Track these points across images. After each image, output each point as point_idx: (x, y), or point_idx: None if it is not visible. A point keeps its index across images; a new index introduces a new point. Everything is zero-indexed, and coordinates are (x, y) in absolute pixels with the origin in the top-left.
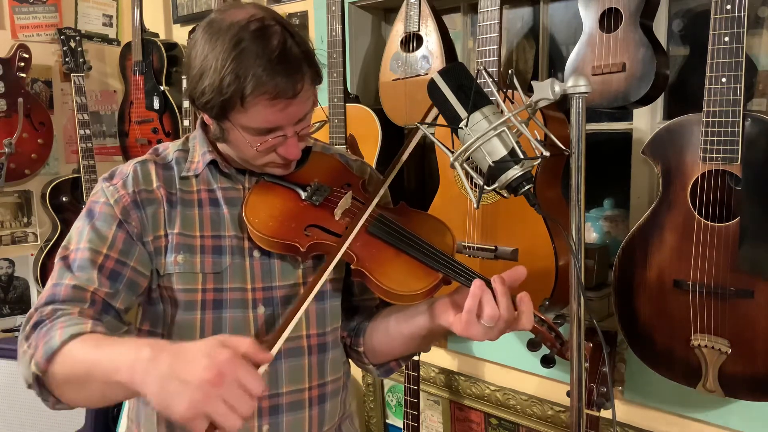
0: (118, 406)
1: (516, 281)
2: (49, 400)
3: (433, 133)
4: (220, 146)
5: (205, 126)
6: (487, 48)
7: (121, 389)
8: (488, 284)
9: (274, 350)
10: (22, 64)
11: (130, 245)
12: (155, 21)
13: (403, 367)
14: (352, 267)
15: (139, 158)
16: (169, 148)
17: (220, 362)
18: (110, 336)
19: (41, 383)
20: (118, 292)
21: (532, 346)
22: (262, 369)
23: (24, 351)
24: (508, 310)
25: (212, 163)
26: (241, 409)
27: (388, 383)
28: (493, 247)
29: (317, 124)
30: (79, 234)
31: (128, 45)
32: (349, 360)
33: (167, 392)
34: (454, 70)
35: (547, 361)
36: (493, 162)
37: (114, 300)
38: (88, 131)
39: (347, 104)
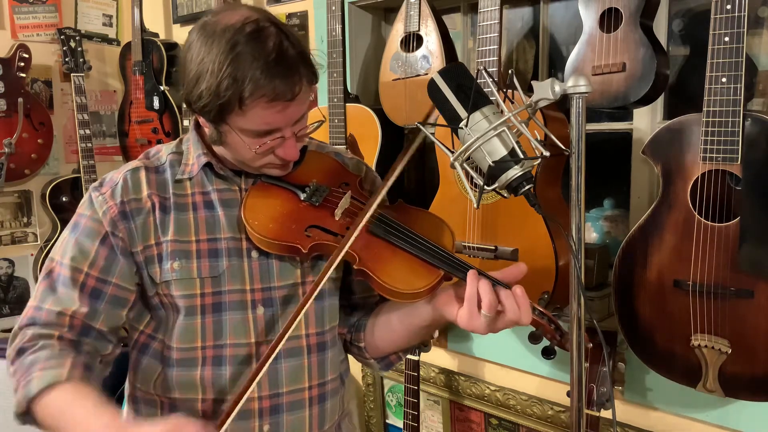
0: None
1: (516, 277)
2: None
3: (433, 133)
4: (216, 148)
5: (199, 128)
6: (487, 48)
7: None
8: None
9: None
10: (22, 64)
11: (112, 261)
12: (155, 21)
13: (403, 367)
14: (354, 267)
15: (130, 165)
16: (162, 151)
17: None
18: (82, 389)
19: (28, 417)
20: (97, 312)
21: (533, 338)
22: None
23: (12, 374)
24: (507, 298)
25: (207, 165)
26: None
27: (388, 383)
28: (493, 247)
29: (314, 125)
30: (64, 247)
31: (128, 45)
32: (348, 357)
33: None
34: (454, 70)
35: (547, 353)
36: (493, 162)
37: (94, 321)
38: (88, 131)
39: (347, 104)
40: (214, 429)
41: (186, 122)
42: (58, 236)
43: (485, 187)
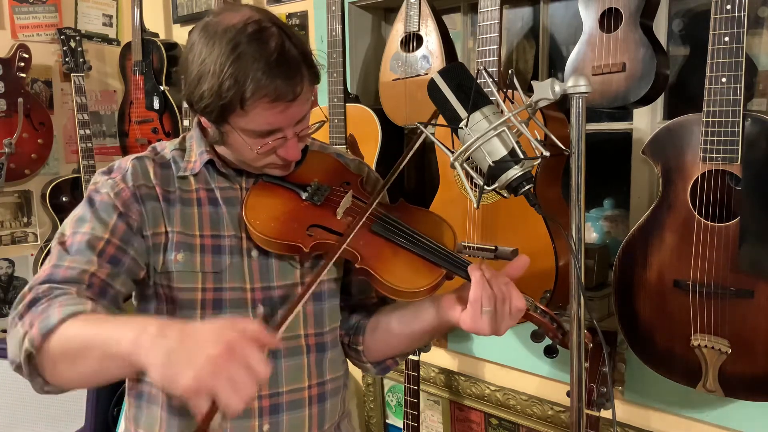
0: (118, 406)
1: (519, 270)
2: (38, 382)
3: (433, 133)
4: (218, 148)
5: (202, 125)
6: (487, 48)
7: (118, 363)
8: None
9: (279, 335)
10: (22, 64)
11: (130, 236)
12: (155, 21)
13: (403, 367)
14: (356, 266)
15: (137, 154)
16: (167, 147)
17: (230, 339)
18: (113, 315)
19: (32, 362)
20: (118, 276)
21: (536, 337)
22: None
23: (17, 330)
24: (494, 278)
25: (209, 163)
26: (245, 391)
27: (388, 383)
28: (493, 247)
29: (316, 125)
30: (78, 220)
31: (128, 45)
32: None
33: (174, 363)
34: (454, 70)
35: (550, 351)
36: (493, 162)
37: (115, 281)
38: (88, 131)
39: (347, 104)
40: (273, 332)
41: (186, 122)
42: None
43: (485, 187)
